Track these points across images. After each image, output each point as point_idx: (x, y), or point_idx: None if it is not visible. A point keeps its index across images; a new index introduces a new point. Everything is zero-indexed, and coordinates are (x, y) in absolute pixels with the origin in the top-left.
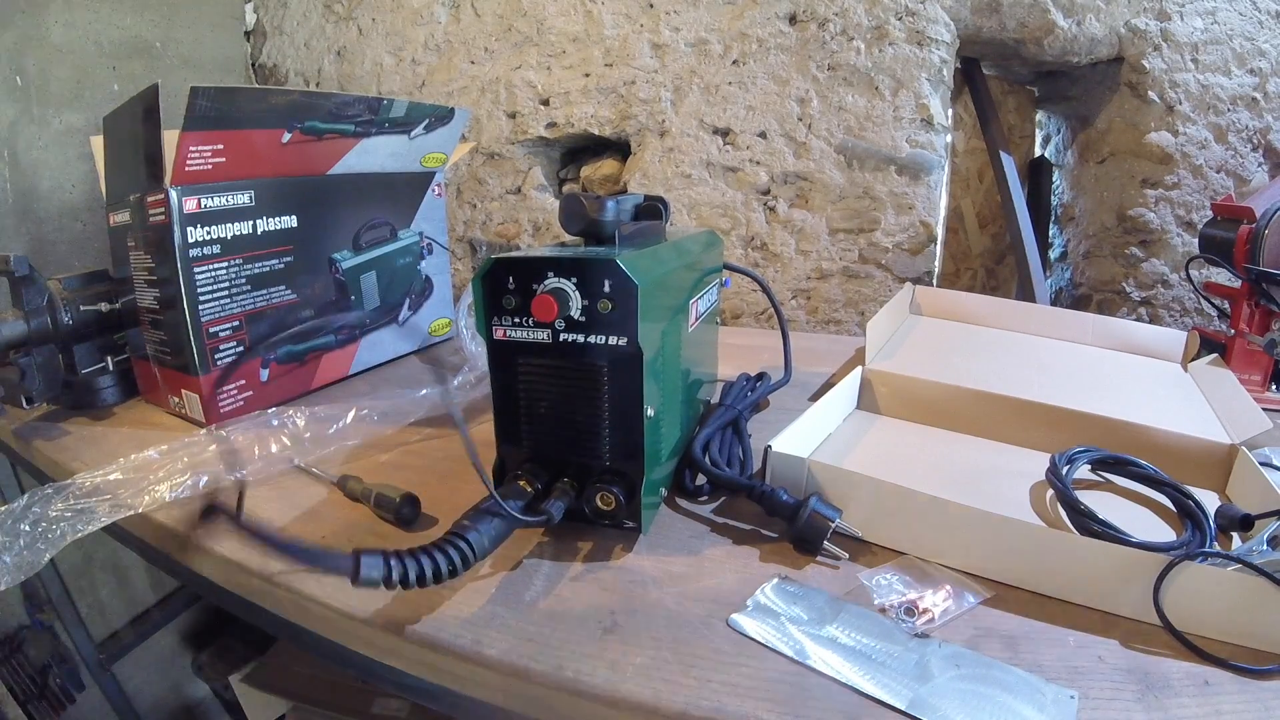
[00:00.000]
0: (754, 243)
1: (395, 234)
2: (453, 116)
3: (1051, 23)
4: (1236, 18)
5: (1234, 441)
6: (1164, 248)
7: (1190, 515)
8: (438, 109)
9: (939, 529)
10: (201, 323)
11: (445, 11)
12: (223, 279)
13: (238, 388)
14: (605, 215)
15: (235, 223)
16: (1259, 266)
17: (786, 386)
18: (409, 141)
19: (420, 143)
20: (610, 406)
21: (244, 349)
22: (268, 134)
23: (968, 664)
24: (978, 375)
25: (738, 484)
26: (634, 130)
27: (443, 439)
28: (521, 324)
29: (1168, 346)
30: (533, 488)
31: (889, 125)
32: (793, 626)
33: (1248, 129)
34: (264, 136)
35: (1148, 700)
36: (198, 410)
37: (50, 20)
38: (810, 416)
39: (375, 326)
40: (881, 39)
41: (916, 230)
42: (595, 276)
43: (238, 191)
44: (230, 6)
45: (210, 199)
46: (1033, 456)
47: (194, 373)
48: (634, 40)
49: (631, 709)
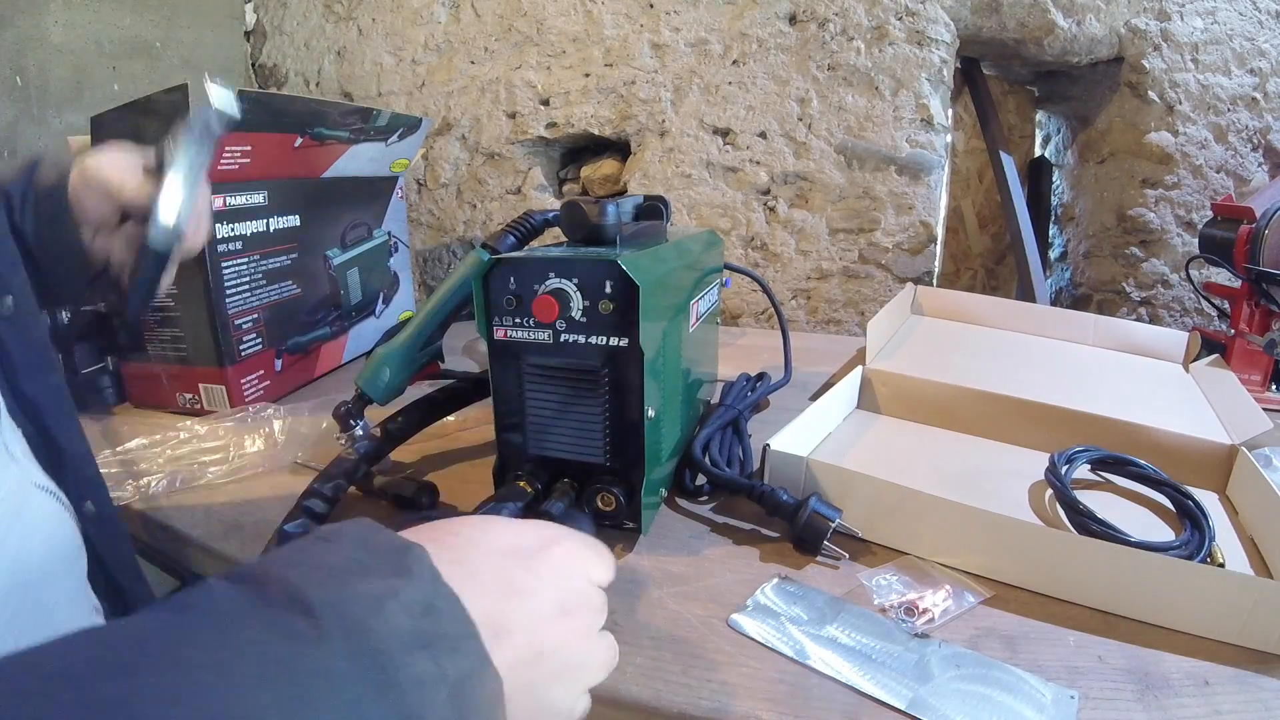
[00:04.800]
0: (754, 243)
1: (371, 233)
2: (420, 126)
3: (1051, 23)
4: (1236, 18)
5: (1234, 442)
6: (1164, 248)
7: (1190, 515)
8: (410, 119)
9: (939, 529)
10: (229, 316)
11: (445, 11)
12: (244, 274)
13: (258, 377)
14: (606, 217)
15: (253, 220)
16: (1259, 266)
17: (786, 386)
18: (385, 148)
19: (393, 149)
20: (611, 407)
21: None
22: (284, 138)
23: (968, 664)
24: (978, 375)
25: (738, 484)
26: (634, 130)
27: (439, 431)
28: (522, 324)
29: (1168, 347)
30: (533, 488)
31: (889, 125)
32: (793, 626)
33: (1248, 129)
34: (281, 140)
35: (1148, 700)
36: (220, 402)
37: (50, 20)
38: (810, 416)
39: (360, 319)
40: (881, 39)
41: (916, 230)
42: (596, 277)
43: (254, 191)
44: (230, 6)
45: (234, 197)
46: (1033, 456)
47: (221, 364)
48: (634, 40)
49: (631, 709)
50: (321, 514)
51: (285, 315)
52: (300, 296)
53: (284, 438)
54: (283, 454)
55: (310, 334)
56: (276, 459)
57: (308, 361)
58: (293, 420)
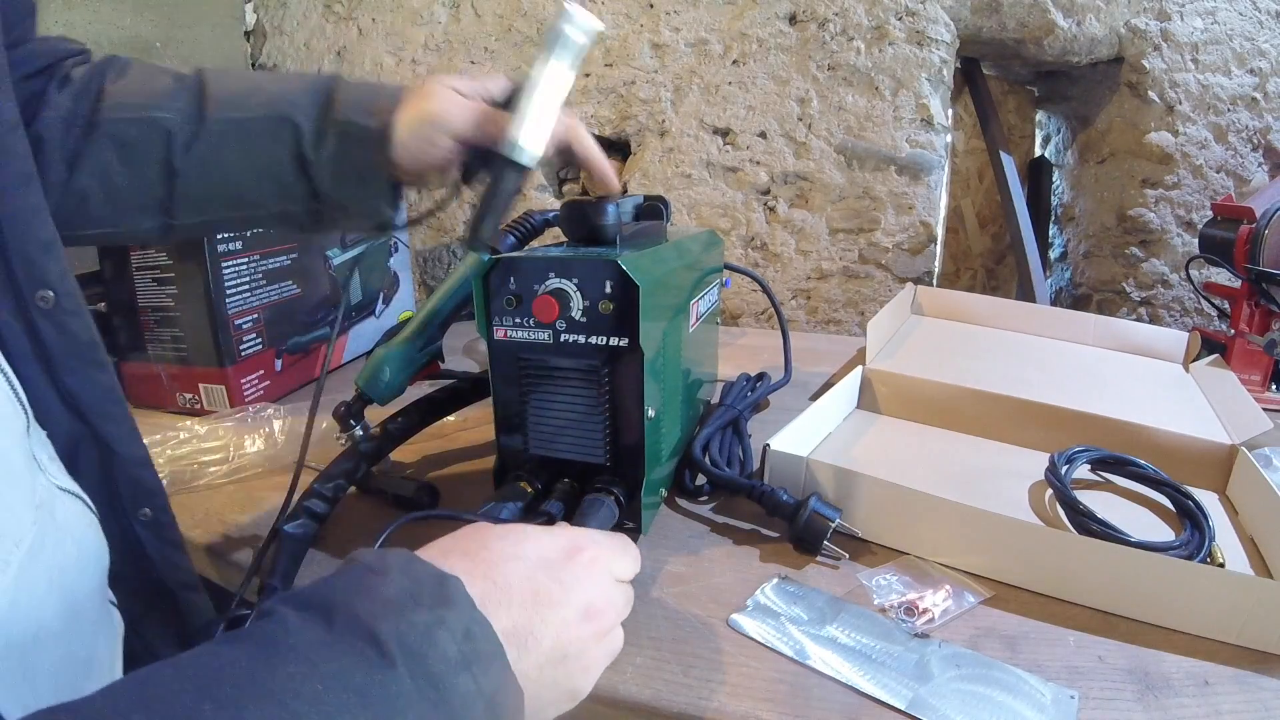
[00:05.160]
0: (754, 243)
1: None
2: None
3: (1051, 23)
4: (1236, 18)
5: (1234, 442)
6: (1164, 248)
7: (1190, 515)
8: None
9: (939, 529)
10: (229, 316)
11: (445, 11)
12: (244, 274)
13: (258, 377)
14: (606, 217)
15: None
16: (1259, 266)
17: (786, 386)
18: None
19: None
20: (611, 407)
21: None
22: None
23: (968, 664)
24: (978, 375)
25: (738, 484)
26: (634, 130)
27: (439, 431)
28: (522, 324)
29: (1168, 347)
30: (533, 488)
31: (889, 125)
32: (793, 626)
33: (1248, 129)
34: None
35: (1148, 700)
36: (220, 402)
37: (50, 20)
38: (810, 416)
39: (360, 318)
40: (881, 39)
41: (916, 230)
42: (596, 277)
43: None
44: (230, 6)
45: None
46: (1033, 456)
47: (221, 364)
48: (634, 40)
49: (631, 709)
50: (321, 514)
51: (285, 315)
52: (300, 296)
53: (284, 438)
54: (283, 454)
55: (310, 334)
56: (276, 459)
57: (308, 361)
58: (293, 420)
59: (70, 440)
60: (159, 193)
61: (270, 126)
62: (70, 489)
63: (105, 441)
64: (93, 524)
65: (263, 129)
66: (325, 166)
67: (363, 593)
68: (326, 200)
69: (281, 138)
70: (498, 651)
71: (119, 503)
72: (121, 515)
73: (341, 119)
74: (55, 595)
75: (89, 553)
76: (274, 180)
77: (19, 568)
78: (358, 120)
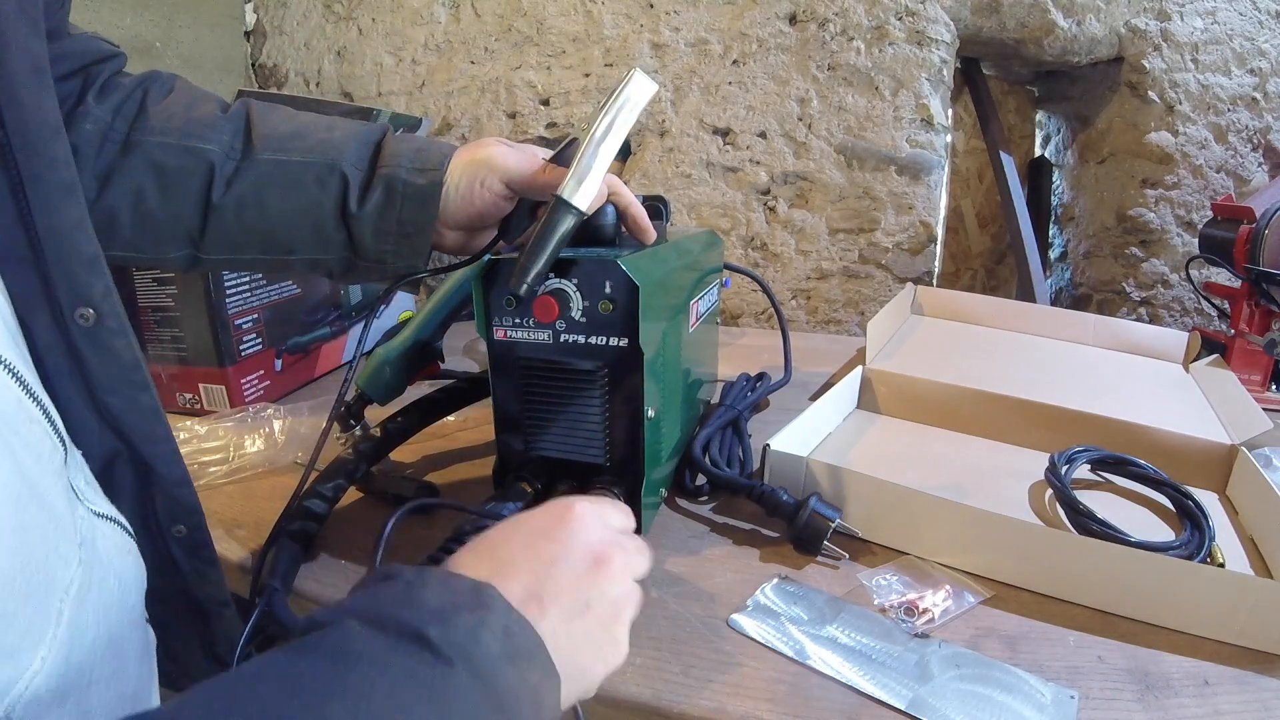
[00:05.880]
0: (754, 243)
1: None
2: (420, 125)
3: (1051, 23)
4: (1236, 18)
5: (1234, 442)
6: (1164, 248)
7: (1190, 515)
8: (410, 119)
9: (939, 529)
10: (229, 316)
11: (445, 11)
12: (244, 274)
13: (258, 377)
14: (606, 217)
15: None
16: (1259, 266)
17: (786, 386)
18: None
19: None
20: (611, 407)
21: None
22: None
23: (968, 664)
24: (978, 375)
25: (738, 484)
26: (634, 130)
27: (439, 430)
28: (522, 324)
29: (1168, 347)
30: (533, 488)
31: (889, 125)
32: (793, 626)
33: (1248, 129)
34: None
35: (1148, 700)
36: (220, 402)
37: None
38: (810, 416)
39: (360, 318)
40: (881, 39)
41: (916, 230)
42: (596, 277)
43: None
44: (230, 6)
45: None
46: (1033, 456)
47: (221, 364)
48: (634, 40)
49: (631, 709)
50: (321, 514)
51: (285, 315)
52: (300, 296)
53: (284, 438)
54: (283, 454)
55: (310, 334)
56: (276, 459)
57: (308, 362)
58: (293, 420)
59: (106, 458)
60: (192, 225)
61: (317, 173)
62: (107, 513)
63: (145, 461)
64: (131, 549)
65: (309, 175)
66: (367, 220)
67: (409, 603)
68: (363, 253)
69: (328, 186)
70: (538, 646)
71: (154, 520)
72: (156, 533)
73: (388, 174)
74: (103, 639)
75: (129, 583)
76: (314, 228)
77: (70, 617)
78: (405, 177)
